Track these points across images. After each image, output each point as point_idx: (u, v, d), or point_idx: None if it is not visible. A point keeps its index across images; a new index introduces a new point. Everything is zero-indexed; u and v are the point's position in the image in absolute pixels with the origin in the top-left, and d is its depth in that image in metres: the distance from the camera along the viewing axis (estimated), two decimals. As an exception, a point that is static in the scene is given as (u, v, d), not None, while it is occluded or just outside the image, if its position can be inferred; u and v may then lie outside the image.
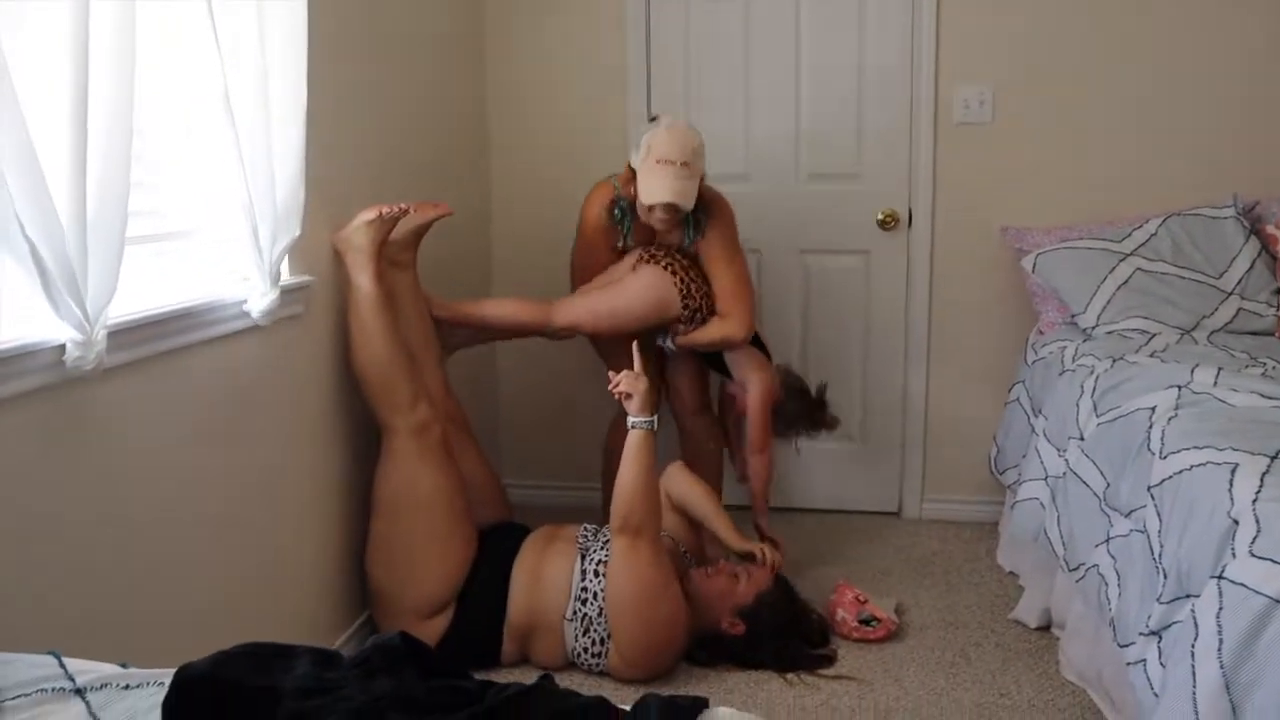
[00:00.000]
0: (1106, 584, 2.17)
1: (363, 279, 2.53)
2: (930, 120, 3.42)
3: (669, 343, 3.07)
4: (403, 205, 2.58)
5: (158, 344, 1.89)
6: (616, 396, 2.57)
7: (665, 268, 2.94)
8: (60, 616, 1.66)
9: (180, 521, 1.97)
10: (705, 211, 2.95)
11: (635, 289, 2.96)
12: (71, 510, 1.69)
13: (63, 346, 1.59)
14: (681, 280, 2.93)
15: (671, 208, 2.81)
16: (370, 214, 2.55)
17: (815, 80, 3.48)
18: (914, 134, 3.44)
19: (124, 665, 1.22)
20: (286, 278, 2.35)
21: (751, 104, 3.53)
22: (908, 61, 3.41)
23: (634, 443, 2.52)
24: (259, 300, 2.15)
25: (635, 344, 2.71)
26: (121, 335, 1.75)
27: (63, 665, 1.16)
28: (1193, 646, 1.60)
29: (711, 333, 2.99)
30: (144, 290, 1.92)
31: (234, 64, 2.01)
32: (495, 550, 2.63)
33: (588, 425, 3.53)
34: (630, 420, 2.53)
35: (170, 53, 2.00)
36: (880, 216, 3.49)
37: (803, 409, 3.17)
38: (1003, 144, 3.40)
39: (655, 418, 2.55)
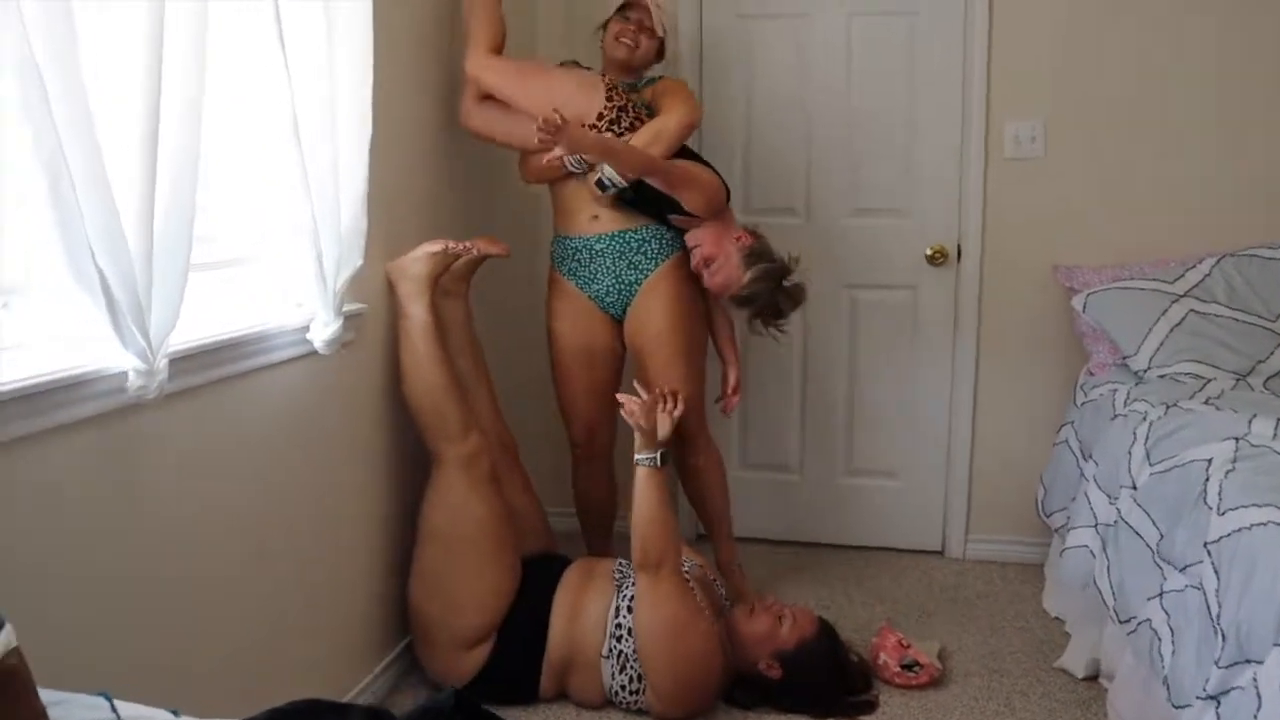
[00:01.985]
0: (1160, 640, 2.12)
1: (416, 309, 2.55)
2: (981, 155, 3.39)
3: (609, 175, 2.71)
4: (468, 244, 2.60)
5: (214, 371, 1.91)
6: (626, 416, 2.56)
7: (599, 75, 2.88)
8: (111, 646, 1.67)
9: (230, 548, 1.99)
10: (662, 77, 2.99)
11: (557, 72, 2.88)
12: (125, 537, 1.70)
13: (124, 373, 1.61)
14: (614, 88, 2.80)
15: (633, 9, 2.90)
16: (436, 246, 2.57)
17: (865, 113, 3.47)
18: (964, 168, 3.42)
19: (175, 713, 1.21)
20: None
21: (802, 136, 3.51)
22: (958, 95, 3.39)
23: (640, 480, 2.51)
24: (322, 329, 2.17)
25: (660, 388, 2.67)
26: (180, 362, 1.76)
27: (114, 709, 1.16)
28: (1255, 717, 1.56)
29: (650, 126, 2.74)
30: (201, 316, 1.94)
31: (303, 93, 2.04)
32: (536, 583, 2.62)
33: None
34: (635, 457, 2.53)
35: (240, 81, 2.03)
36: (929, 252, 3.47)
37: (771, 286, 2.78)
38: (1054, 180, 3.36)
39: (658, 454, 2.52)
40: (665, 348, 2.83)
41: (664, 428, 2.56)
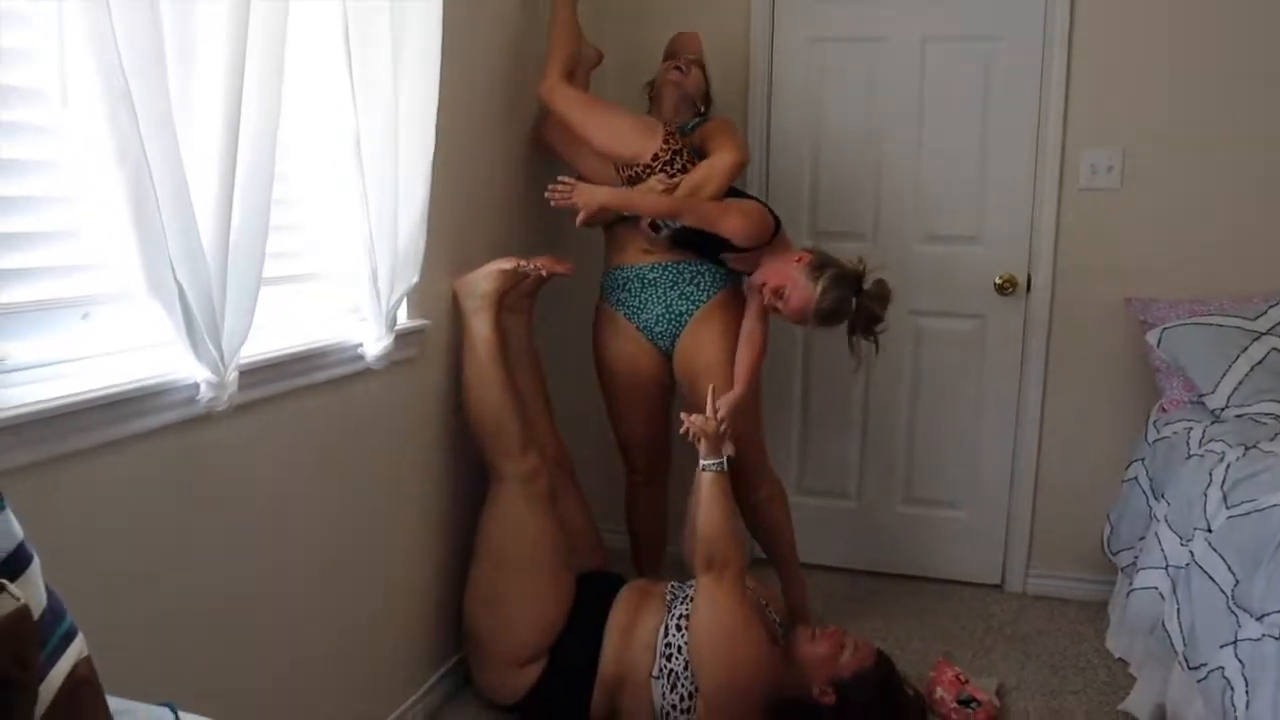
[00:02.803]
0: (1233, 690, 2.05)
1: (481, 324, 2.57)
2: (1055, 183, 3.32)
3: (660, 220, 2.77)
4: (537, 263, 2.62)
5: (278, 384, 1.93)
6: (690, 439, 2.55)
7: (657, 119, 2.90)
8: (175, 656, 1.69)
9: (292, 563, 2.01)
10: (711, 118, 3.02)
11: (623, 111, 2.89)
12: (191, 549, 1.72)
13: (196, 385, 1.64)
14: (668, 132, 2.80)
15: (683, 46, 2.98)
16: (508, 264, 2.59)
17: (937, 137, 3.42)
18: (1037, 197, 3.36)
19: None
20: (404, 321, 2.39)
21: (872, 159, 3.48)
22: (1034, 122, 3.33)
23: (706, 484, 2.50)
24: (373, 344, 2.18)
25: (712, 388, 2.66)
26: (248, 375, 1.79)
27: (179, 720, 1.17)
28: (1338, 777, 1.50)
29: (700, 167, 2.74)
30: (270, 331, 1.96)
31: (367, 110, 2.05)
32: (590, 602, 2.61)
33: (682, 472, 3.50)
34: (701, 463, 2.52)
35: (305, 97, 2.06)
36: (998, 280, 3.41)
37: (849, 290, 2.69)
38: (1130, 211, 3.28)
39: (725, 459, 2.52)
40: (719, 379, 2.79)
41: (727, 448, 2.58)
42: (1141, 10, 3.21)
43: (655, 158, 2.75)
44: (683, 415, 2.59)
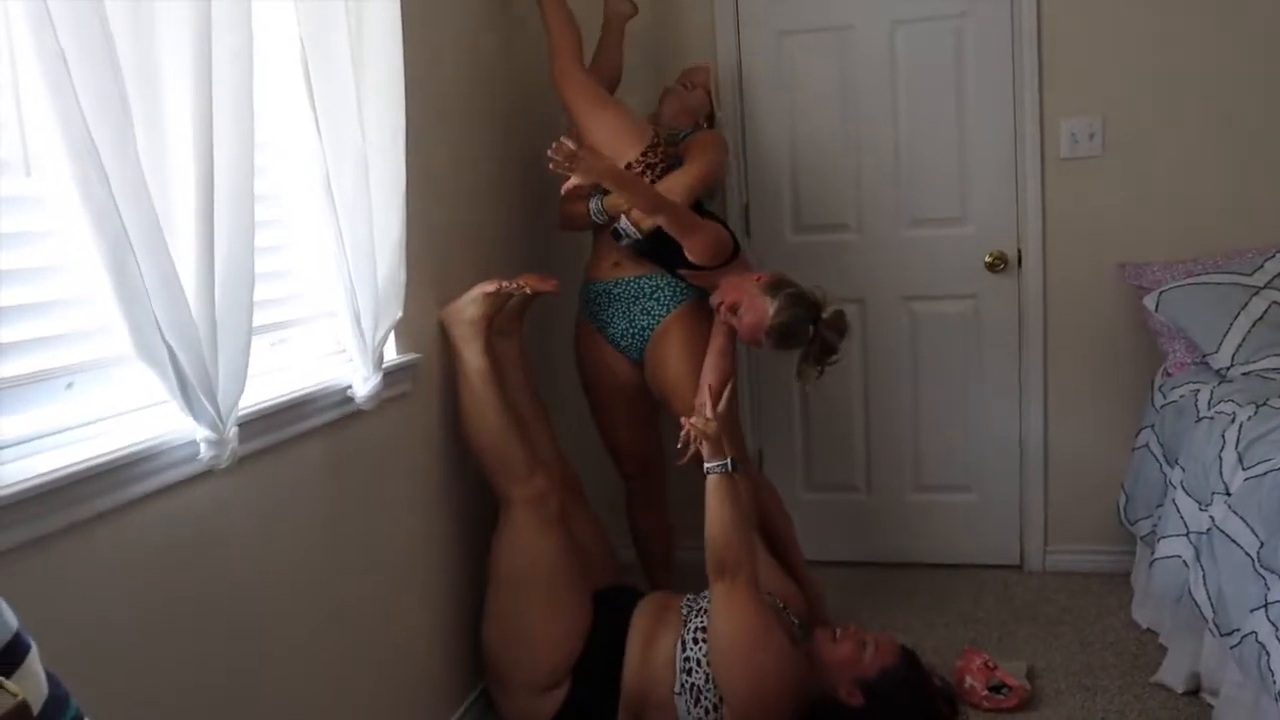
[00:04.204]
0: (1269, 653, 2.02)
1: (472, 353, 2.53)
2: (1037, 156, 3.30)
3: (625, 225, 2.77)
4: (520, 281, 2.58)
5: (274, 435, 1.89)
6: (693, 446, 2.51)
7: (653, 128, 2.91)
8: (178, 710, 1.65)
9: (299, 613, 1.97)
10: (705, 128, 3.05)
11: (619, 111, 2.91)
12: (197, 612, 1.68)
13: (193, 444, 1.60)
14: (658, 140, 2.85)
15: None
16: (490, 286, 2.56)
17: (914, 121, 3.40)
18: (1020, 171, 3.33)
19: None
20: (393, 357, 2.36)
21: (851, 149, 3.46)
22: (1009, 96, 3.31)
23: (713, 487, 2.46)
24: (362, 385, 2.14)
25: (707, 386, 2.65)
26: (243, 428, 1.74)
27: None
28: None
29: (672, 176, 2.78)
30: (257, 380, 1.91)
31: (335, 149, 2.00)
32: (608, 620, 2.58)
33: (688, 483, 3.47)
34: (705, 466, 2.48)
35: (273, 142, 2.02)
36: (988, 259, 3.38)
37: (804, 312, 2.63)
38: (1115, 178, 3.26)
39: (730, 459, 2.47)
40: (687, 391, 2.79)
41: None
42: (1107, -26, 3.20)
43: (630, 166, 2.77)
44: (682, 420, 2.56)
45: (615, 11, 3.21)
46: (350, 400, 2.14)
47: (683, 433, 2.54)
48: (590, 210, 2.87)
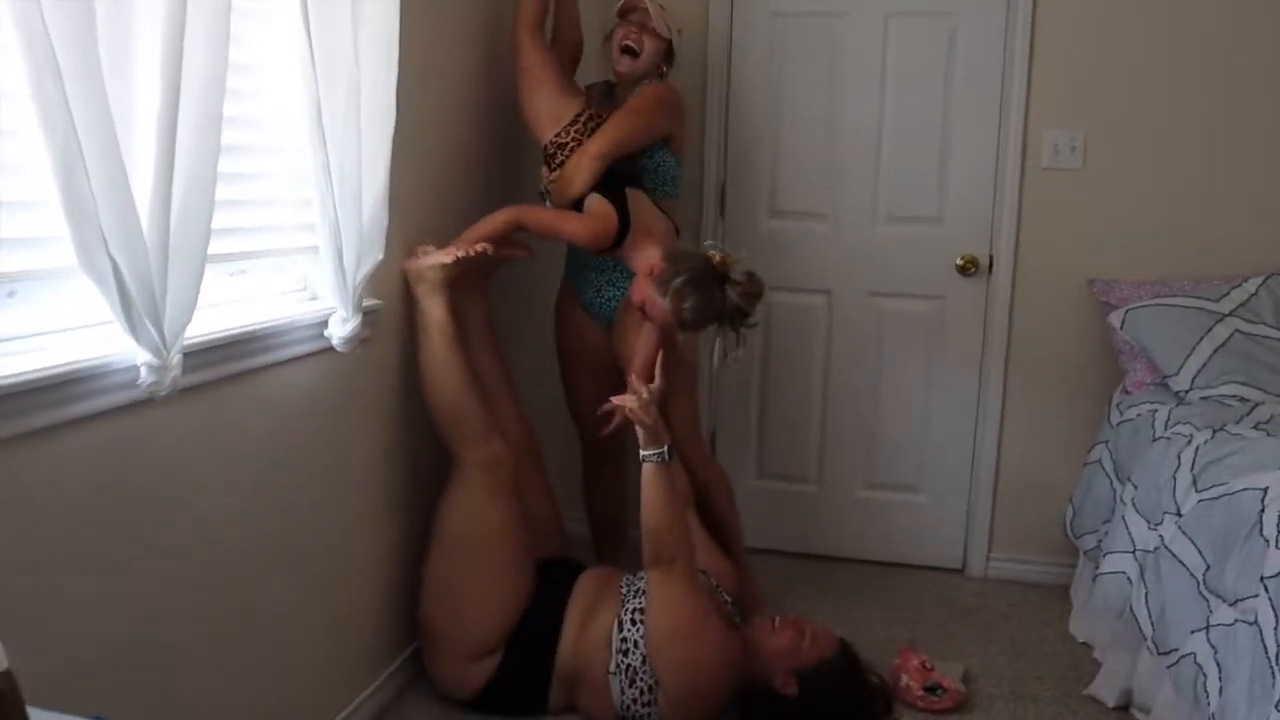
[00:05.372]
0: (1205, 676, 2.03)
1: (434, 307, 2.47)
2: (1017, 163, 3.29)
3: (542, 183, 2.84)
4: (479, 247, 2.51)
5: (226, 366, 1.82)
6: (616, 420, 2.51)
7: (582, 103, 2.85)
8: (110, 659, 1.59)
9: (236, 554, 1.90)
10: (653, 82, 2.90)
11: (547, 90, 2.83)
12: (129, 541, 1.62)
13: (135, 368, 1.52)
14: (577, 116, 2.79)
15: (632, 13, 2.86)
16: (447, 256, 2.48)
17: (899, 116, 3.37)
18: (999, 177, 3.32)
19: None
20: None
21: (833, 139, 3.42)
22: (996, 101, 3.30)
23: (649, 476, 2.42)
24: (340, 326, 2.08)
25: (632, 376, 2.58)
26: (192, 357, 1.67)
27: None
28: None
29: (569, 163, 2.71)
30: (215, 311, 1.85)
31: (328, 81, 1.94)
32: (549, 593, 2.54)
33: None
34: (641, 453, 2.44)
35: (262, 67, 1.95)
36: (960, 261, 3.37)
37: (703, 296, 2.47)
38: (1093, 192, 3.27)
39: (665, 449, 2.43)
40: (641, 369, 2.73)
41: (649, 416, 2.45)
42: (1104, -9, 3.19)
43: (549, 144, 2.79)
44: (614, 399, 2.51)
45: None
46: (308, 340, 2.08)
47: (607, 405, 2.52)
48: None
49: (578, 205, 2.68)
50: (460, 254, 2.49)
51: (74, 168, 1.31)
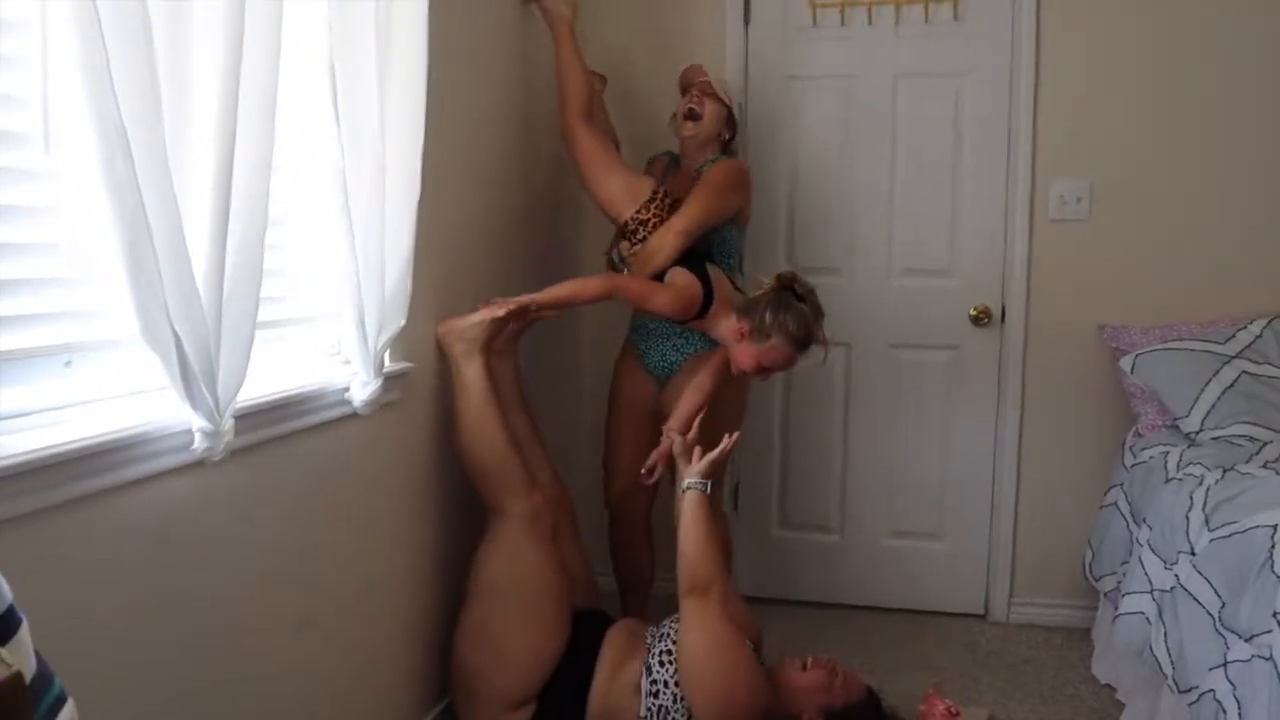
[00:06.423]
0: (1225, 712, 2.07)
1: (472, 371, 2.57)
2: (1026, 215, 3.39)
3: (615, 253, 3.00)
4: (523, 299, 2.64)
5: (267, 430, 1.89)
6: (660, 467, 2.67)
7: (655, 182, 2.96)
8: (165, 713, 1.65)
9: (279, 612, 1.97)
10: (719, 158, 3.03)
11: (618, 171, 2.96)
12: (181, 602, 1.68)
13: (188, 432, 1.61)
14: (654, 194, 2.90)
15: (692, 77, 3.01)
16: (500, 310, 2.59)
17: (910, 172, 3.48)
18: (1009, 229, 3.42)
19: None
20: (386, 365, 2.37)
21: (848, 195, 3.53)
22: (1004, 155, 3.40)
23: (690, 503, 2.50)
24: (361, 389, 2.16)
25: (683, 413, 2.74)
26: (237, 421, 1.74)
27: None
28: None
29: (657, 234, 2.84)
30: (253, 377, 1.92)
31: (354, 149, 2.04)
32: (582, 644, 2.58)
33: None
34: (686, 481, 2.53)
35: (291, 138, 2.05)
36: (973, 312, 3.45)
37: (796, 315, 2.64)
38: (1100, 241, 3.35)
39: (707, 481, 2.52)
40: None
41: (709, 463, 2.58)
42: (1105, 45, 3.31)
43: (627, 223, 2.90)
44: (664, 429, 2.66)
45: (554, 13, 3.05)
46: (341, 404, 2.15)
47: (654, 453, 2.66)
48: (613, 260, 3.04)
49: (658, 277, 2.81)
50: (511, 306, 2.61)
51: (141, 244, 1.41)
